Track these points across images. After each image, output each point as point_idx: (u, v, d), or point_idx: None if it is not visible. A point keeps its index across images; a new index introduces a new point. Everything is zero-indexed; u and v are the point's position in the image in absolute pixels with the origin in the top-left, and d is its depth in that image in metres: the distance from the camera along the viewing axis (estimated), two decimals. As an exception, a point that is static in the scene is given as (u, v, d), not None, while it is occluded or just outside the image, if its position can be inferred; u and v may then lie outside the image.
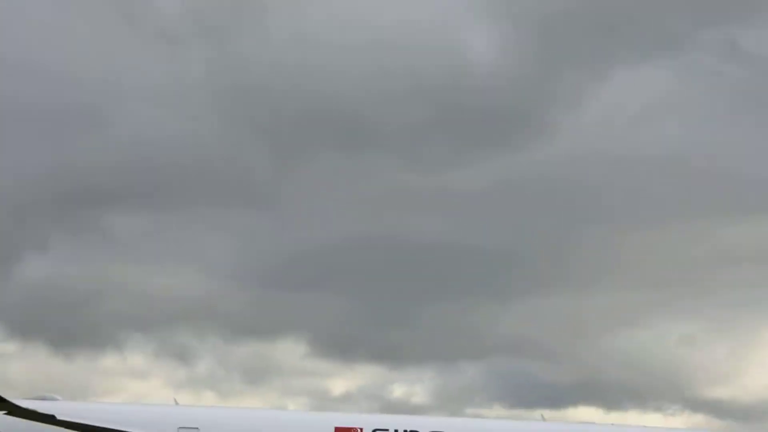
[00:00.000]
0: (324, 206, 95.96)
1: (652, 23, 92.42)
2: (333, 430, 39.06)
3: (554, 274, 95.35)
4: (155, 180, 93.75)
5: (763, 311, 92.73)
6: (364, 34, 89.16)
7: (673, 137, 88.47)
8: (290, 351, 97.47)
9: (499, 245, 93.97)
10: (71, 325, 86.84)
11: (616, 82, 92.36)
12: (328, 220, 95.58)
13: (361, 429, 38.79)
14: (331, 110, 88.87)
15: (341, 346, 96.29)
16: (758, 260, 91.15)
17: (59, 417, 34.63)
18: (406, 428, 38.90)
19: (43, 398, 38.78)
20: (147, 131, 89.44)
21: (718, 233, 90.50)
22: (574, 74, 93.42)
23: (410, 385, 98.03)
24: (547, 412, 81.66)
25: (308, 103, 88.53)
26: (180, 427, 37.70)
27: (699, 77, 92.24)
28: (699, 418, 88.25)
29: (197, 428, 38.00)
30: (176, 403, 42.43)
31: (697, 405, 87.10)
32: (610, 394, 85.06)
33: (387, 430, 38.72)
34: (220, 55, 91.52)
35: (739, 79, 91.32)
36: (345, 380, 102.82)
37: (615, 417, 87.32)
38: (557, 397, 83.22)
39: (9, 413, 34.41)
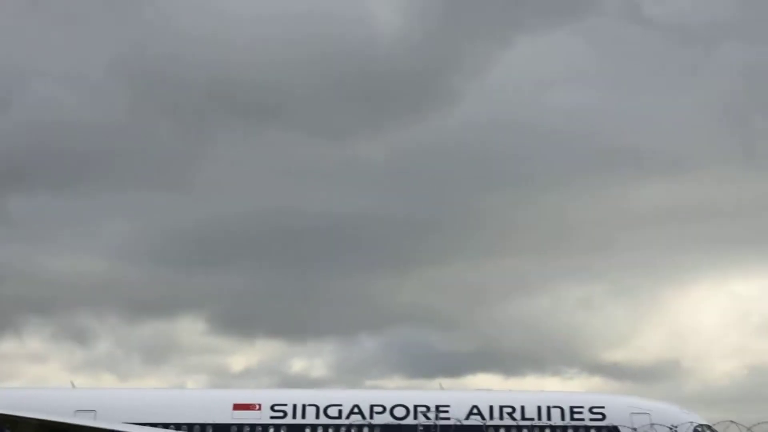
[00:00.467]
0: (226, 182, 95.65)
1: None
2: (231, 407, 39.42)
3: (454, 241, 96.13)
4: (55, 161, 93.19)
5: (660, 273, 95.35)
6: (269, 3, 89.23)
7: (577, 103, 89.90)
8: (189, 329, 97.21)
9: (400, 214, 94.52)
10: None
11: (521, 49, 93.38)
12: (229, 197, 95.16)
13: (260, 405, 39.24)
14: (236, 81, 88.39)
15: (240, 322, 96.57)
16: (656, 222, 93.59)
17: None
18: (304, 402, 39.37)
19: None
20: (49, 112, 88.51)
21: (618, 196, 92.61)
22: (480, 41, 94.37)
23: (310, 359, 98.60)
24: (446, 381, 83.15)
25: (213, 74, 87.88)
26: (77, 410, 37.68)
27: (603, 43, 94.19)
28: (596, 381, 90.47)
29: (94, 410, 38.02)
30: (73, 386, 42.34)
31: (594, 368, 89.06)
32: (509, 361, 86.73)
33: (285, 404, 39.11)
34: (123, 34, 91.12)
35: (642, 45, 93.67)
36: (244, 356, 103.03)
37: (513, 383, 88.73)
38: (456, 365, 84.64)
39: None
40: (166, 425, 38.36)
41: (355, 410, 39.06)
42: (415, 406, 39.14)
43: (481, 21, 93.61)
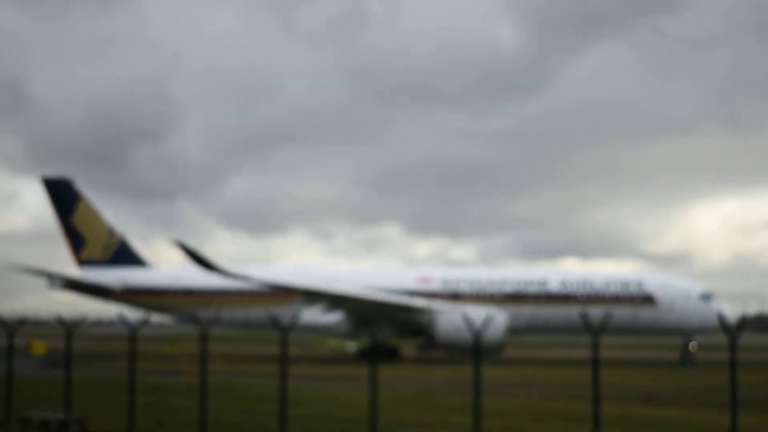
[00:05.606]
0: (406, 141, 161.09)
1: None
2: (416, 278, 54.03)
3: (544, 179, 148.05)
4: (300, 130, 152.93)
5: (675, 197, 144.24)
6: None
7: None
8: (389, 231, 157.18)
9: (512, 164, 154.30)
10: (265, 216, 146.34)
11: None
12: (409, 149, 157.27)
13: (433, 278, 53.95)
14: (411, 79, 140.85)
15: (420, 227, 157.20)
16: (678, 170, 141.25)
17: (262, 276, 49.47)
18: (459, 277, 54.60)
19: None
20: (293, 101, 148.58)
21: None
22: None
23: (464, 249, 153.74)
24: (544, 262, 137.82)
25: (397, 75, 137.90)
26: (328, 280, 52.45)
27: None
28: (637, 263, 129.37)
29: (338, 280, 52.56)
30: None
31: (636, 255, 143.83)
32: (585, 251, 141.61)
33: (451, 279, 54.38)
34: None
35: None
36: (423, 248, 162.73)
37: (588, 263, 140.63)
38: (552, 252, 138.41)
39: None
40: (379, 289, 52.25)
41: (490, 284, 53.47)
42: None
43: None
